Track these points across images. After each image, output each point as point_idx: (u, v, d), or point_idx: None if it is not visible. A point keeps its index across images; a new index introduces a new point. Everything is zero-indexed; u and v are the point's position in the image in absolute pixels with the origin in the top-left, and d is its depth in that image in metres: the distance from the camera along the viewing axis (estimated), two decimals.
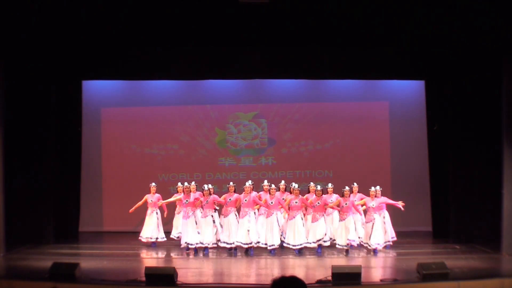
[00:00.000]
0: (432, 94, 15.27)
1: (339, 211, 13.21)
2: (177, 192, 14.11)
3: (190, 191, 13.34)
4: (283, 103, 16.95)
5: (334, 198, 13.31)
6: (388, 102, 16.93)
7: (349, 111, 16.93)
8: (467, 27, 13.50)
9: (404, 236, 14.09)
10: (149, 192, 14.44)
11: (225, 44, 14.46)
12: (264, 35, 14.17)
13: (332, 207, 13.24)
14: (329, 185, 13.62)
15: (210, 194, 13.11)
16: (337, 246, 12.97)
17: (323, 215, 13.13)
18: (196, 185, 13.47)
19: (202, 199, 13.09)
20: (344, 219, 12.94)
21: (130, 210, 14.32)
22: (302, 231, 12.90)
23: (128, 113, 17.00)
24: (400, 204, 13.29)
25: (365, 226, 13.30)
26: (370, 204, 13.23)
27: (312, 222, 13.08)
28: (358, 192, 13.63)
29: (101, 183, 16.92)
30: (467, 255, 12.59)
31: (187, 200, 13.21)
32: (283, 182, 13.95)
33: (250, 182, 13.36)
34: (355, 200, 13.38)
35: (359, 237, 13.21)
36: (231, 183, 13.38)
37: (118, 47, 14.58)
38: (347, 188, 13.19)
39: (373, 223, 13.06)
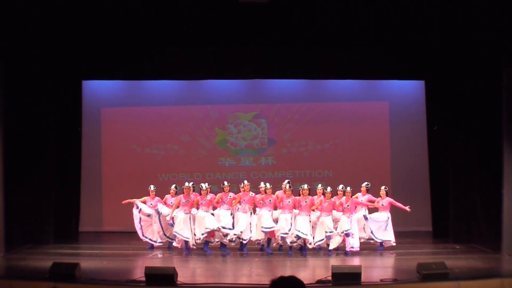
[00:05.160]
0: (432, 94, 15.27)
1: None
2: (169, 193, 13.97)
3: (190, 192, 13.30)
4: (283, 103, 16.96)
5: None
6: (388, 102, 16.94)
7: (349, 111, 16.93)
8: (467, 27, 13.50)
9: (404, 236, 14.08)
10: (148, 194, 14.26)
11: (225, 44, 14.47)
12: (264, 35, 14.18)
13: (317, 208, 13.17)
14: (343, 187, 13.50)
15: (207, 193, 13.14)
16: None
17: (308, 215, 13.08)
18: (194, 187, 13.37)
19: (199, 198, 13.13)
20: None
21: (123, 202, 14.07)
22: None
23: (128, 113, 17.01)
24: (407, 208, 13.39)
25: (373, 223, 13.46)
26: (380, 203, 13.42)
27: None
28: (368, 192, 13.69)
29: (101, 183, 16.93)
30: (467, 255, 12.59)
31: (188, 200, 13.20)
32: (286, 181, 13.88)
33: (246, 181, 13.51)
34: (362, 201, 13.48)
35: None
36: (225, 182, 13.42)
37: (118, 47, 14.59)
38: (349, 188, 13.18)
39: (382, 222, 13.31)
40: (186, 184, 13.43)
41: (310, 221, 12.93)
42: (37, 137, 14.28)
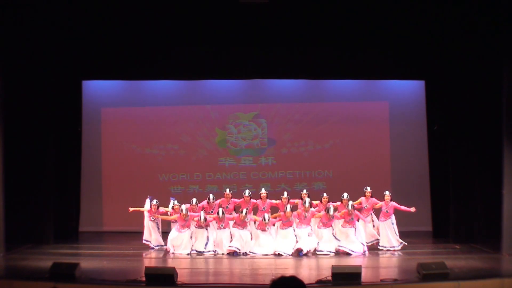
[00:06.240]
0: (432, 94, 15.27)
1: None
2: (171, 213, 13.88)
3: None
4: (283, 103, 16.95)
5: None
6: (388, 102, 16.93)
7: (349, 111, 16.92)
8: (467, 27, 13.50)
9: (404, 236, 14.06)
10: (150, 198, 14.25)
11: (225, 44, 14.47)
12: (264, 35, 14.17)
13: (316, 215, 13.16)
14: (347, 196, 13.34)
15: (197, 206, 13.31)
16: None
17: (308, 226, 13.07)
18: (179, 205, 13.38)
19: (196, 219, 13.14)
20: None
21: (130, 209, 14.15)
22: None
23: (128, 113, 17.00)
24: (412, 209, 13.39)
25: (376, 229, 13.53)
26: (385, 209, 13.41)
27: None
28: (371, 196, 13.63)
29: (101, 183, 16.92)
30: (467, 255, 12.59)
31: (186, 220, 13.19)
32: (263, 190, 13.71)
33: (248, 192, 13.51)
34: (367, 206, 13.46)
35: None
36: (227, 190, 13.42)
37: (118, 47, 14.59)
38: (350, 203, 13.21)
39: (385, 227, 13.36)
40: (176, 202, 13.58)
41: (311, 230, 12.97)
42: (37, 137, 14.27)
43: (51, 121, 14.62)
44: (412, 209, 13.37)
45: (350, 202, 13.00)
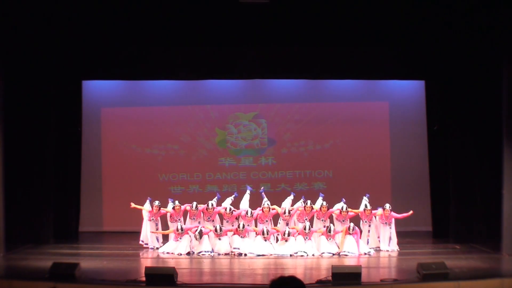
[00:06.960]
0: (432, 94, 15.27)
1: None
2: (172, 214, 13.86)
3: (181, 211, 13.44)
4: (283, 103, 16.94)
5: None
6: (388, 102, 16.92)
7: (349, 111, 16.92)
8: (467, 26, 13.50)
9: (404, 236, 14.07)
10: (150, 200, 14.27)
11: (225, 44, 14.47)
12: (264, 35, 14.16)
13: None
14: (347, 208, 13.38)
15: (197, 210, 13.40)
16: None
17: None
18: (180, 205, 13.49)
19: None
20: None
21: (132, 205, 14.07)
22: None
23: (128, 113, 16.99)
24: (409, 213, 13.45)
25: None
26: (384, 221, 13.39)
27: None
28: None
29: (101, 183, 16.91)
30: (467, 255, 12.59)
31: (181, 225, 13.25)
32: (266, 204, 13.60)
33: (249, 211, 13.46)
34: (366, 221, 13.48)
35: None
36: (228, 209, 13.43)
37: (118, 47, 14.59)
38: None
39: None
40: (177, 202, 13.62)
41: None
42: (37, 137, 14.27)
43: (51, 121, 14.62)
44: (410, 213, 13.41)
45: (353, 225, 12.99)
